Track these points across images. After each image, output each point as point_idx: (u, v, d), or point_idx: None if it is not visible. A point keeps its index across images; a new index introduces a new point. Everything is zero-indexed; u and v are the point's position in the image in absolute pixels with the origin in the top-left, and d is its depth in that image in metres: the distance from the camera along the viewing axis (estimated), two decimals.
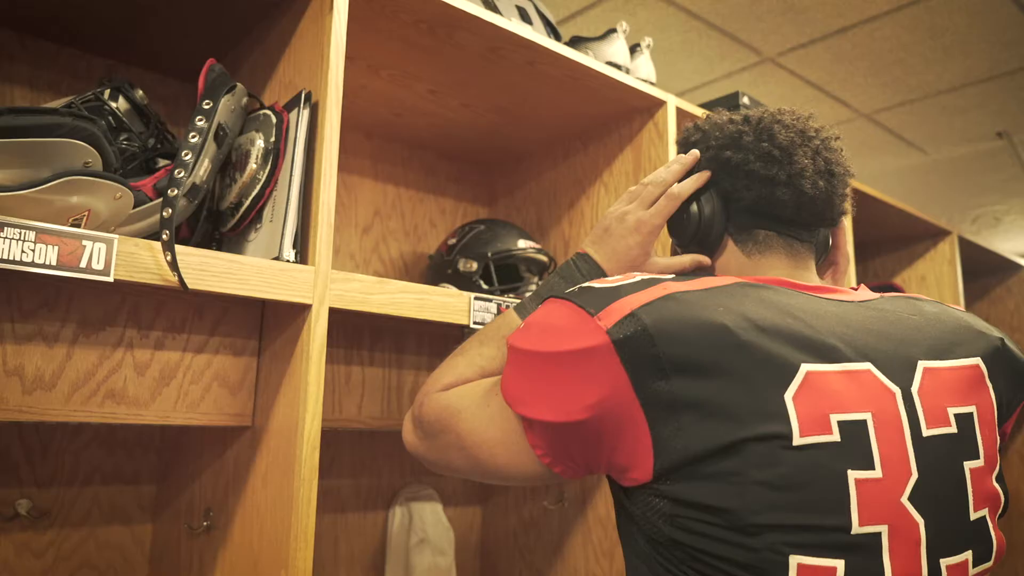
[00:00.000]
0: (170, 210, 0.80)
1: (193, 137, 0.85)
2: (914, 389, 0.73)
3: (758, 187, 0.85)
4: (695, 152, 0.93)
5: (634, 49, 1.52)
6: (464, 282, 1.47)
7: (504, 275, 1.58)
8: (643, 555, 0.72)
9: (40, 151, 0.76)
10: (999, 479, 0.78)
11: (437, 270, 1.54)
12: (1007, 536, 2.88)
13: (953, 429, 0.74)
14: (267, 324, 1.04)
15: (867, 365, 0.71)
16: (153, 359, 0.96)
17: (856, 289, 0.85)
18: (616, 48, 1.44)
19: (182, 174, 0.83)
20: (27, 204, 0.77)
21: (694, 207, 0.89)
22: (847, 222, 0.94)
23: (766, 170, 0.84)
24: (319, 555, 1.49)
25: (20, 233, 0.73)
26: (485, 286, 1.46)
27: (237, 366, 1.03)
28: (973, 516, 0.73)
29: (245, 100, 1.04)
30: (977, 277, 3.03)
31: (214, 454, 1.11)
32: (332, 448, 1.52)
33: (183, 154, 0.83)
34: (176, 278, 0.81)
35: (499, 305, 1.13)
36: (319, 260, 0.95)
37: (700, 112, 1.54)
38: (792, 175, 0.84)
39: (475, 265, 1.47)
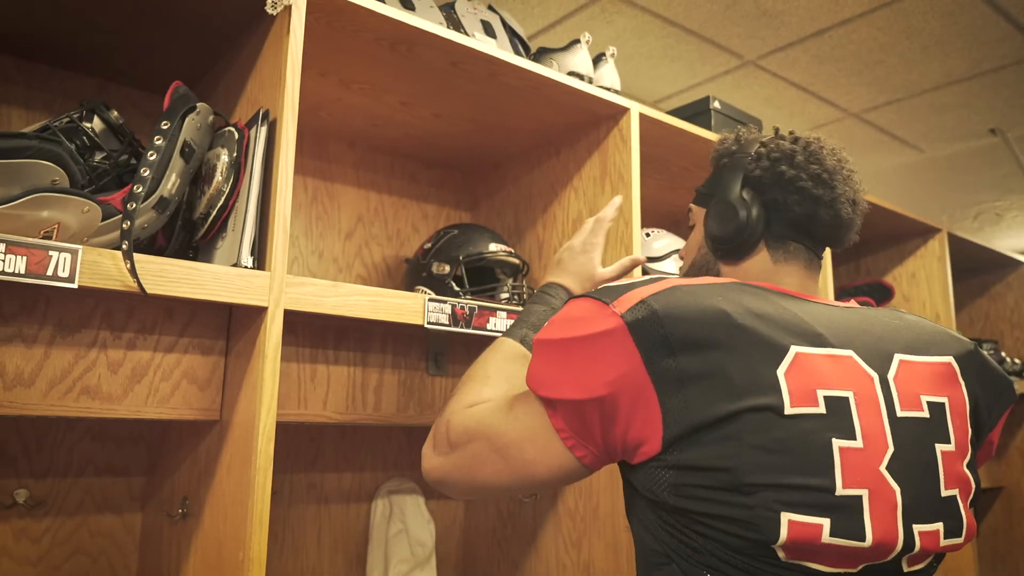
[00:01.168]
0: (128, 222, 0.88)
1: (151, 155, 0.93)
2: (890, 376, 0.82)
3: (806, 204, 0.94)
4: (619, 198, 1.18)
5: (599, 58, 1.58)
6: (438, 284, 1.54)
7: (479, 277, 1.64)
8: (649, 526, 0.82)
9: (10, 171, 0.85)
10: (971, 467, 0.85)
11: (414, 273, 1.61)
12: (1008, 532, 2.89)
13: (925, 414, 0.82)
14: (233, 326, 1.12)
15: (849, 352, 0.81)
16: (125, 358, 1.05)
17: (846, 302, 0.95)
18: (579, 58, 1.50)
19: (140, 189, 0.91)
20: (0, 219, 0.85)
21: (743, 211, 0.96)
22: None
23: (816, 189, 0.93)
24: (303, 543, 1.57)
25: None
26: (457, 288, 1.53)
27: (205, 364, 1.11)
28: (944, 493, 0.80)
29: (212, 118, 1.12)
30: (977, 274, 3.03)
31: (191, 447, 1.19)
32: (316, 443, 1.60)
33: (141, 171, 0.92)
34: (136, 284, 0.89)
35: (453, 307, 1.19)
36: (275, 265, 1.02)
37: (665, 118, 1.59)
38: (834, 199, 0.94)
39: (448, 268, 1.54)
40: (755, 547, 0.73)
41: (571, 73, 1.50)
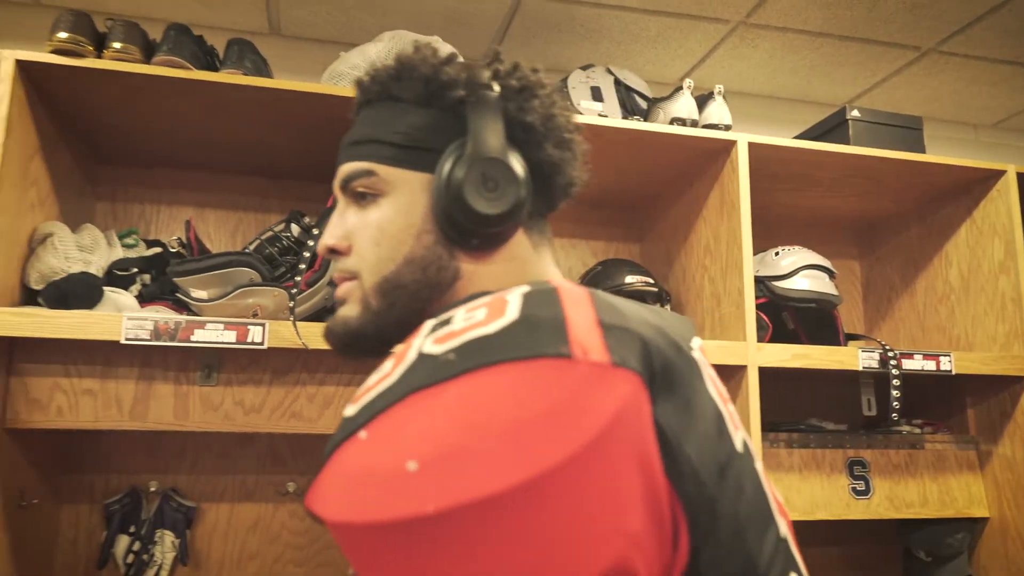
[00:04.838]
0: (292, 303, 1.32)
1: (307, 253, 1.37)
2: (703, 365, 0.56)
3: (576, 166, 0.68)
4: None
5: (708, 98, 1.70)
6: None
7: None
8: None
9: (224, 277, 1.34)
10: None
11: None
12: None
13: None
14: None
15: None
16: (318, 392, 1.50)
17: None
18: (680, 104, 1.66)
19: (299, 278, 1.34)
20: (223, 308, 1.35)
21: (522, 177, 0.63)
22: None
23: (583, 144, 0.68)
24: None
25: (215, 326, 1.30)
26: None
27: None
28: None
29: None
30: None
31: None
32: None
33: (300, 266, 1.35)
34: (301, 343, 1.32)
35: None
36: None
37: (776, 141, 1.65)
38: (582, 148, 0.69)
39: None
40: None
41: (674, 119, 1.66)
